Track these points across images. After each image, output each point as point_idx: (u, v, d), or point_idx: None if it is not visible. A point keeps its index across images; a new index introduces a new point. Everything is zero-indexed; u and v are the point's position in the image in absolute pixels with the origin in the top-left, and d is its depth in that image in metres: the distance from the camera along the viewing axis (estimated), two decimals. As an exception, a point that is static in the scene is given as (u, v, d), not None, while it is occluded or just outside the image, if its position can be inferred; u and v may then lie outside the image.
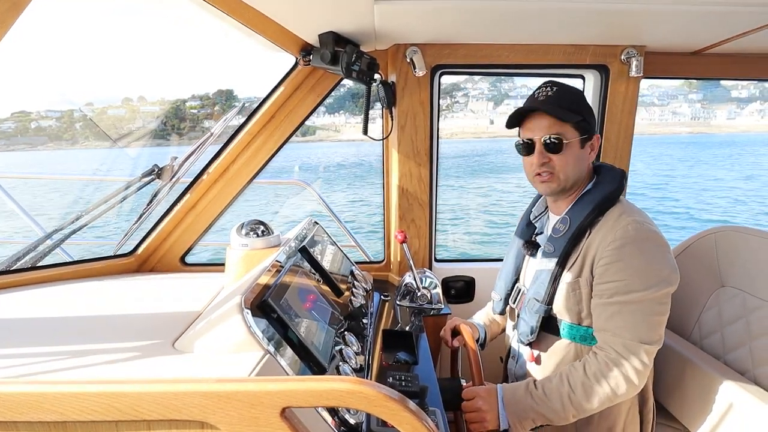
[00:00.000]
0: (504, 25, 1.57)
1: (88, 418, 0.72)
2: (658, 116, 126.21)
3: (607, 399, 1.17)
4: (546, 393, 1.21)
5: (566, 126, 1.25)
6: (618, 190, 1.28)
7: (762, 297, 1.34)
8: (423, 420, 0.68)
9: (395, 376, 1.21)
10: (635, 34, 1.68)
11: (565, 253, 1.27)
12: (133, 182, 1.68)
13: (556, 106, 1.25)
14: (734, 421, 1.23)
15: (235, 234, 1.46)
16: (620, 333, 1.17)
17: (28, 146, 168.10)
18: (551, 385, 1.22)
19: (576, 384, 1.19)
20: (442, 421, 1.11)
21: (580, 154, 1.28)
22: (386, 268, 2.14)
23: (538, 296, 1.32)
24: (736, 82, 10.13)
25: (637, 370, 1.15)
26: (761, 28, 1.49)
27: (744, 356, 1.35)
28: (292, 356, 1.00)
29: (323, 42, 1.57)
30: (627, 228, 1.18)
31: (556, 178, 1.28)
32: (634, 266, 1.16)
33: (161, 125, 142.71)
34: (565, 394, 1.19)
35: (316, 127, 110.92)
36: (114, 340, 1.07)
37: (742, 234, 1.44)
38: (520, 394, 1.24)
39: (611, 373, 1.16)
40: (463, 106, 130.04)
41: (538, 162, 1.28)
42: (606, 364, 1.17)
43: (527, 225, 1.50)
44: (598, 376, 1.18)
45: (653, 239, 1.18)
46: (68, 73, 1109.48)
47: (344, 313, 1.40)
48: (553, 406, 1.20)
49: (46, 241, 1.57)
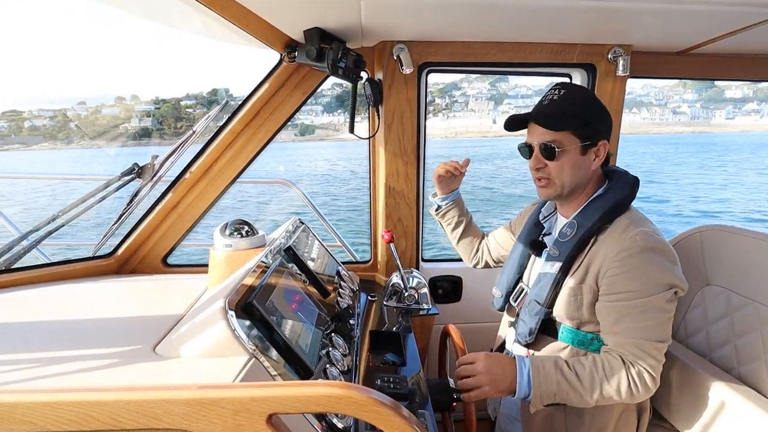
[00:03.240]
0: (491, 23, 1.56)
1: (64, 428, 0.68)
2: (659, 116, 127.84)
3: (628, 394, 1.17)
4: (578, 373, 1.19)
5: (563, 133, 1.22)
6: (629, 198, 1.26)
7: (746, 295, 1.35)
8: (414, 425, 0.67)
9: (383, 378, 1.20)
10: (622, 33, 1.69)
11: (570, 259, 1.26)
12: (112, 181, 1.63)
13: (552, 114, 1.23)
14: (721, 419, 1.24)
15: (219, 234, 1.43)
16: (631, 334, 1.16)
17: (22, 146, 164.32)
18: (583, 367, 1.20)
19: (614, 383, 1.17)
20: (431, 423, 1.10)
21: (580, 161, 1.25)
22: (373, 269, 2.12)
23: (539, 299, 1.31)
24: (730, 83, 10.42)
25: (653, 367, 1.15)
26: (746, 29, 1.51)
27: (729, 354, 1.36)
28: (278, 359, 0.98)
29: (308, 38, 1.55)
30: (635, 239, 1.17)
31: (553, 184, 1.27)
32: (641, 276, 1.15)
33: (157, 124, 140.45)
34: (597, 380, 1.17)
35: (315, 126, 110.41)
36: (92, 345, 1.03)
37: (727, 233, 1.46)
38: (549, 368, 1.21)
39: (630, 372, 1.16)
40: (462, 105, 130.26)
41: (534, 167, 1.28)
42: (623, 363, 1.17)
43: (535, 224, 1.48)
44: (618, 370, 1.17)
45: (661, 250, 1.17)
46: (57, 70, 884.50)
47: (331, 314, 1.38)
48: (580, 388, 1.18)
49: (22, 242, 1.51)
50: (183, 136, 1.70)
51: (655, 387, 1.17)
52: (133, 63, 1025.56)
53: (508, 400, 1.49)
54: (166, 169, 1.68)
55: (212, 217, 1.91)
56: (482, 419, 1.52)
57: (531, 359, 1.24)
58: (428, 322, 1.89)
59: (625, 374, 1.16)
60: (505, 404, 1.51)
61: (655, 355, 1.15)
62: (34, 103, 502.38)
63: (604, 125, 1.27)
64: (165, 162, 1.68)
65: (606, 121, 1.28)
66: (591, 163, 1.27)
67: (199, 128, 1.70)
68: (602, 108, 1.28)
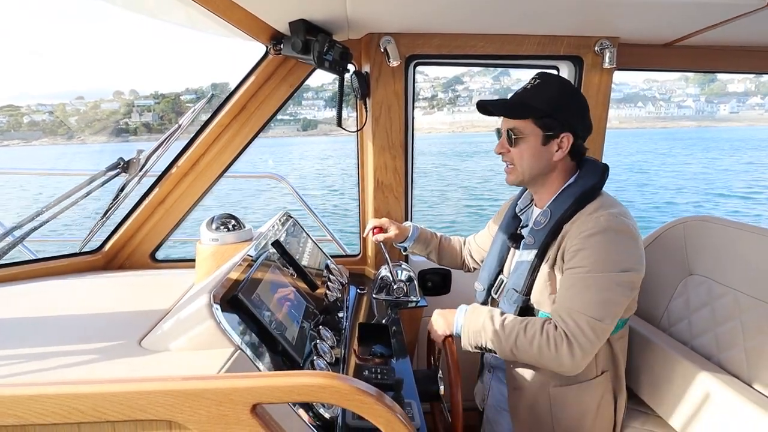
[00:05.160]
0: (478, 14, 1.56)
1: (48, 420, 0.69)
2: (664, 110, 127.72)
3: (540, 353, 1.20)
4: (503, 321, 1.27)
5: (524, 122, 1.28)
6: (598, 184, 1.29)
7: (726, 284, 1.38)
8: (397, 413, 0.67)
9: (371, 369, 1.21)
10: (608, 26, 1.70)
11: (545, 246, 1.29)
12: (97, 176, 1.61)
13: (514, 104, 1.30)
14: (701, 405, 1.27)
15: (205, 229, 1.42)
16: (568, 303, 1.19)
17: (23, 142, 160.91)
18: (510, 319, 1.28)
19: (530, 333, 1.22)
20: (418, 413, 1.11)
21: (540, 150, 1.29)
22: (362, 262, 2.12)
23: (517, 287, 1.34)
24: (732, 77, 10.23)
25: (577, 339, 1.16)
26: (729, 21, 1.53)
27: (709, 342, 1.39)
28: (265, 352, 0.98)
29: (294, 30, 1.54)
30: (599, 219, 1.20)
31: (515, 170, 1.34)
32: (599, 253, 1.17)
33: (158, 119, 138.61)
34: (516, 330, 1.24)
35: (317, 121, 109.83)
36: (77, 339, 1.03)
37: (709, 223, 1.48)
38: (481, 311, 1.33)
39: (548, 332, 1.20)
40: (466, 100, 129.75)
41: (497, 150, 1.37)
42: (546, 322, 1.22)
43: (513, 217, 1.51)
44: (537, 326, 1.22)
45: (623, 231, 1.20)
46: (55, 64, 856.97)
47: (319, 307, 1.38)
48: (501, 333, 1.25)
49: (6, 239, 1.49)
50: (169, 130, 1.69)
51: (575, 362, 1.17)
52: (130, 57, 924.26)
53: (495, 392, 1.50)
54: (152, 163, 1.66)
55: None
56: (470, 409, 1.54)
57: (470, 305, 1.38)
58: (417, 315, 1.90)
59: (542, 332, 1.20)
60: (492, 395, 1.52)
61: (585, 330, 1.16)
62: (33, 99, 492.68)
63: (573, 119, 1.29)
64: (151, 156, 1.66)
65: (577, 115, 1.30)
66: (553, 154, 1.30)
67: (185, 122, 1.69)
68: (576, 102, 1.31)
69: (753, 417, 1.12)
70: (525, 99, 1.29)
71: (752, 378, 1.25)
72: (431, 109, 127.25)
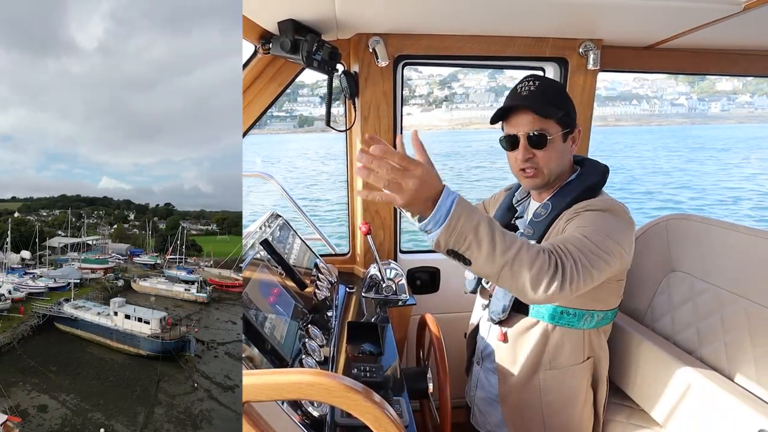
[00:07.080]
0: (466, 16, 1.58)
1: None
2: (658, 108, 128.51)
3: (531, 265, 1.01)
4: (506, 234, 1.02)
5: (549, 121, 1.26)
6: (600, 183, 1.32)
7: (707, 280, 1.41)
8: (384, 409, 0.68)
9: (360, 367, 1.21)
10: (592, 28, 1.72)
11: (543, 237, 1.30)
12: None
13: (540, 101, 1.26)
14: (683, 398, 1.30)
15: (194, 228, 1.42)
16: (564, 239, 1.13)
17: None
18: (510, 234, 1.03)
19: (533, 249, 1.03)
20: (407, 410, 1.12)
21: (563, 148, 1.30)
22: (351, 261, 2.13)
23: None
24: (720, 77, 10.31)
25: (564, 260, 1.04)
26: (708, 24, 1.56)
27: (691, 336, 1.42)
28: (253, 351, 0.98)
29: (282, 30, 1.54)
30: (602, 199, 1.23)
31: (540, 173, 1.29)
32: (597, 221, 1.17)
33: None
34: (516, 247, 1.00)
35: (313, 118, 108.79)
36: None
37: (691, 221, 1.51)
38: (477, 209, 1.02)
39: (545, 252, 1.04)
40: (463, 97, 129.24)
41: (523, 158, 1.28)
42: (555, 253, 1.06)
43: (508, 208, 1.52)
44: (549, 253, 1.05)
45: (623, 214, 1.21)
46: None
47: (308, 306, 1.39)
48: (497, 248, 0.99)
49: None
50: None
51: (561, 285, 1.02)
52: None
53: (485, 383, 1.51)
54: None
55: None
56: (459, 407, 1.56)
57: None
58: (406, 313, 1.91)
59: (544, 251, 1.04)
60: (481, 387, 1.54)
61: (578, 257, 1.06)
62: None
63: (575, 113, 1.33)
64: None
65: (575, 110, 1.34)
66: (570, 150, 1.33)
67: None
68: (570, 98, 1.34)
69: (734, 409, 1.15)
70: (545, 98, 1.26)
71: (732, 371, 1.28)
72: (429, 106, 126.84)
